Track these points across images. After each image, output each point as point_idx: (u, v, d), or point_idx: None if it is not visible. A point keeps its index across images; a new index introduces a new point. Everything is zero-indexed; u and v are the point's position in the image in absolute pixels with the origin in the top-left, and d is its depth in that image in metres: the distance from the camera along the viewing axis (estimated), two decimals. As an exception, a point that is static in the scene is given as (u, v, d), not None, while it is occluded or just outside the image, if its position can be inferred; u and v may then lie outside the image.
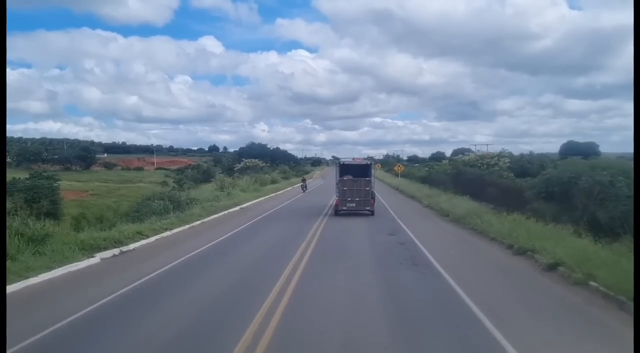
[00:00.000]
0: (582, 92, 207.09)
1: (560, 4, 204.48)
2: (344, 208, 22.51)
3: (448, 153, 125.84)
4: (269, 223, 20.39)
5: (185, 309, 7.88)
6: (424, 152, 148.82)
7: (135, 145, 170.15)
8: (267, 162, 75.04)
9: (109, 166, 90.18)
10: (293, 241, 14.87)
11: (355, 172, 23.15)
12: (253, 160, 66.83)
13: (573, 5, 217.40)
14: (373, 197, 22.98)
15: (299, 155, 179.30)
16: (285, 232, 17.41)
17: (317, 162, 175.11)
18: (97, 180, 75.96)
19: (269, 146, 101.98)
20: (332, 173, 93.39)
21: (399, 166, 59.44)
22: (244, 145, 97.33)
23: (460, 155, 47.64)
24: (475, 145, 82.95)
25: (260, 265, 11.78)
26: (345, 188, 22.53)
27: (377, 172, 75.08)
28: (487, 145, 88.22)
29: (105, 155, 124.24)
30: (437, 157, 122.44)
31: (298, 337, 6.53)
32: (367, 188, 22.43)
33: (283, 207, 28.31)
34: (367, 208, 22.60)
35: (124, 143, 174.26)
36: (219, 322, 7.22)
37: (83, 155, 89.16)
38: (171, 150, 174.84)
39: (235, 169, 63.37)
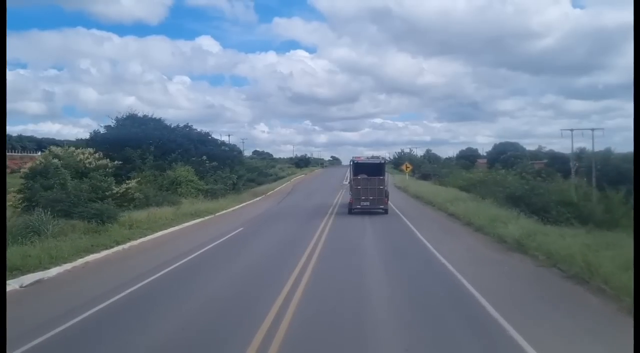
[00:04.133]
0: (584, 93, 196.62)
1: (563, 2, 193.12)
2: (358, 206, 22.95)
3: (483, 150, 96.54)
4: None
5: None
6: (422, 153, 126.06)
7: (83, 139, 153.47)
8: (146, 157, 30.65)
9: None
10: None
11: (369, 171, 23.42)
12: (70, 148, 25.06)
13: (576, 3, 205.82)
14: (387, 196, 23.41)
15: (287, 155, 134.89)
16: None
17: (304, 162, 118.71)
18: None
19: (164, 120, 36.56)
20: (321, 177, 71.72)
21: None
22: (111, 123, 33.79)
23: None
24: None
25: None
26: (359, 187, 22.93)
27: (407, 181, 47.49)
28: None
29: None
30: (468, 156, 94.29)
31: None
32: (381, 187, 22.86)
33: None
34: (381, 206, 22.97)
35: (81, 138, 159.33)
36: None
37: None
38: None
39: (21, 169, 26.64)
